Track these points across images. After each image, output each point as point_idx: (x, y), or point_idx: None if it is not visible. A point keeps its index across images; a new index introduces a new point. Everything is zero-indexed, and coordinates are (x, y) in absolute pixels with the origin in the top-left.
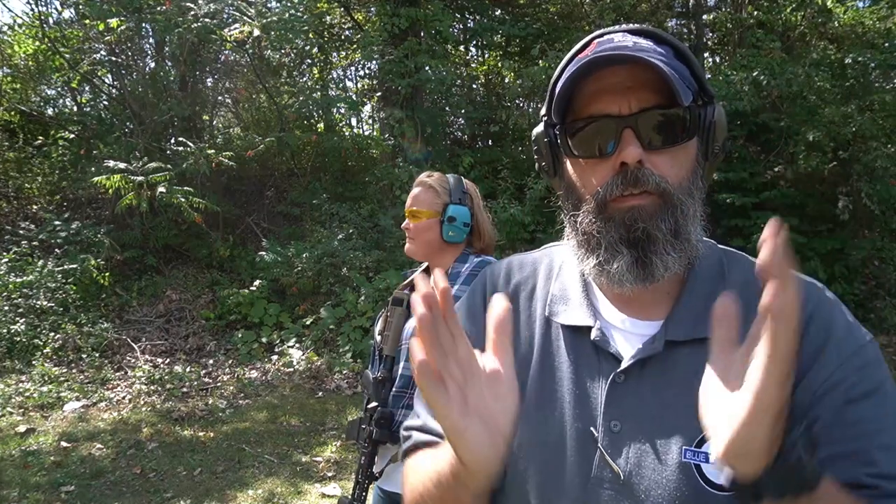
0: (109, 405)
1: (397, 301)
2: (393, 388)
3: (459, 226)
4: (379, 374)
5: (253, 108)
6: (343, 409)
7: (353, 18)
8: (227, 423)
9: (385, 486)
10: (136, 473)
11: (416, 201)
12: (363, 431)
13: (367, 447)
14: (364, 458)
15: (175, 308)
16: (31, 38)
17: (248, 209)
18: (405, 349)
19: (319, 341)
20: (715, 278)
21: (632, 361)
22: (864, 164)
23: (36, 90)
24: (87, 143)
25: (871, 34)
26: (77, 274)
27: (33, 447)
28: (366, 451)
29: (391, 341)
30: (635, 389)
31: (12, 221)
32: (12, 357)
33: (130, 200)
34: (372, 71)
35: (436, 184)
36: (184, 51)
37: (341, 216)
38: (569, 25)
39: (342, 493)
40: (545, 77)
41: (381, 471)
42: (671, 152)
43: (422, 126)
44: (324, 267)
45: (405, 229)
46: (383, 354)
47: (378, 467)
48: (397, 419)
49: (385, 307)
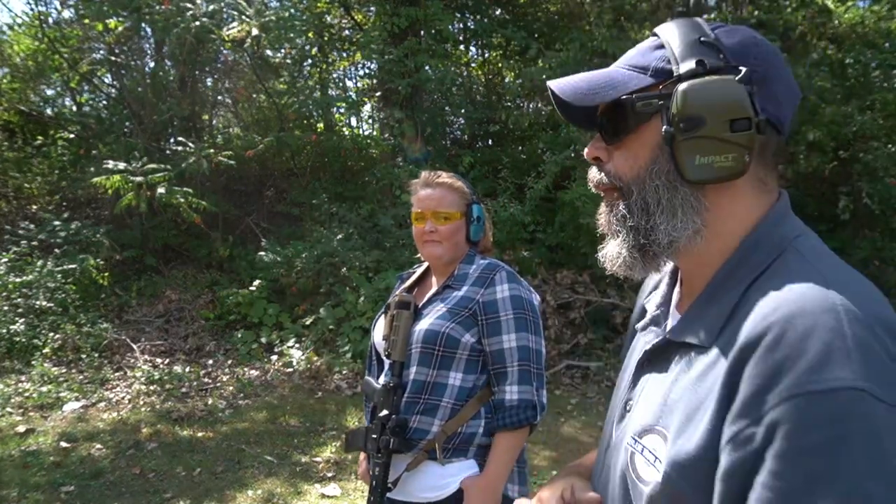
0: (109, 405)
1: (403, 305)
2: (405, 394)
3: (482, 225)
4: (389, 381)
5: (252, 108)
6: (343, 409)
7: (353, 18)
8: (227, 423)
9: (397, 496)
10: (136, 473)
11: (442, 203)
12: (374, 441)
13: (380, 458)
14: (378, 470)
15: (174, 308)
16: (31, 37)
17: (247, 209)
18: (415, 353)
19: (319, 341)
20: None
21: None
22: (865, 164)
23: (35, 90)
24: (86, 143)
25: (871, 34)
26: (76, 274)
27: (33, 447)
28: (380, 463)
29: (400, 346)
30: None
31: (12, 221)
32: (12, 357)
33: (130, 200)
34: (372, 70)
35: (458, 184)
36: (183, 50)
37: (341, 216)
38: (569, 25)
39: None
40: (544, 77)
41: (394, 481)
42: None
43: (422, 126)
44: (323, 267)
45: (428, 233)
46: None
47: (391, 477)
48: (412, 426)
49: (386, 310)
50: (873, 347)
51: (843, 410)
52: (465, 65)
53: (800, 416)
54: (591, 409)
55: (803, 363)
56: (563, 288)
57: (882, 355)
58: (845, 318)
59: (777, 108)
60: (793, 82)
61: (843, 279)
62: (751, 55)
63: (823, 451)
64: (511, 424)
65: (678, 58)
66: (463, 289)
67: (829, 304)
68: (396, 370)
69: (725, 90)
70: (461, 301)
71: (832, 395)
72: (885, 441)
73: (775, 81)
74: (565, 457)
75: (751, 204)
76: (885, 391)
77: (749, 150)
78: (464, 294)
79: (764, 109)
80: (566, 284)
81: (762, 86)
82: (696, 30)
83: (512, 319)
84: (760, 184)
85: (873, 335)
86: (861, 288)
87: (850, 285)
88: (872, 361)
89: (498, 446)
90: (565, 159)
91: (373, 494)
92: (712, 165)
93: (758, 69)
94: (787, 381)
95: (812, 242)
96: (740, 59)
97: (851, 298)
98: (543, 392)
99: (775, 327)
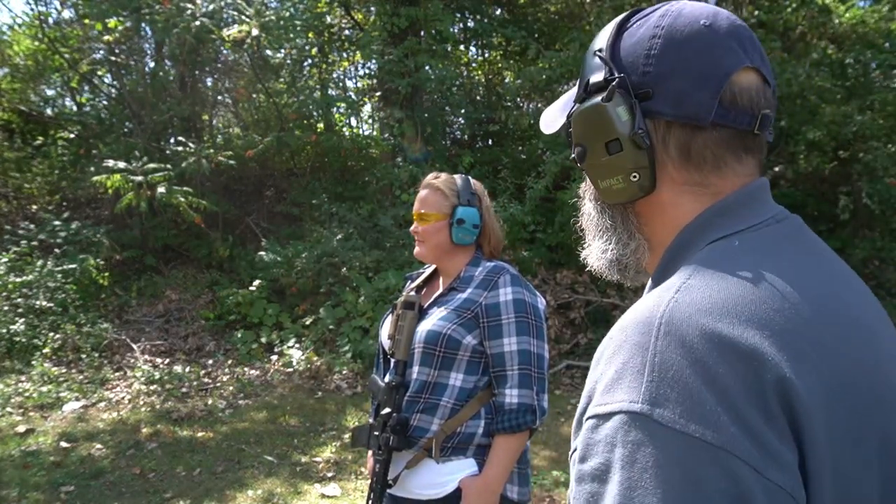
0: (109, 405)
1: (408, 305)
2: (407, 393)
3: (469, 228)
4: (392, 379)
5: (252, 108)
6: (343, 409)
7: (353, 18)
8: (227, 423)
9: (397, 492)
10: (136, 473)
11: (423, 204)
12: (375, 438)
13: (381, 454)
14: (379, 466)
15: (174, 308)
16: (31, 37)
17: (247, 209)
18: (417, 353)
19: (319, 341)
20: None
21: None
22: (865, 164)
23: (35, 90)
24: (86, 143)
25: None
26: (76, 274)
27: (33, 447)
28: (381, 459)
29: (403, 346)
30: None
31: (12, 221)
32: (12, 357)
33: (130, 200)
34: (372, 70)
35: (443, 185)
36: (183, 50)
37: (341, 216)
38: (569, 25)
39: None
40: (544, 77)
41: (395, 478)
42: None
43: (421, 126)
44: (323, 267)
45: (413, 233)
46: (394, 359)
47: (392, 474)
48: (413, 424)
49: (392, 310)
50: (671, 364)
51: (613, 435)
52: (465, 65)
53: (585, 440)
54: None
55: (602, 383)
56: (563, 288)
57: (681, 373)
58: (656, 331)
59: (677, 104)
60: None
61: (700, 285)
62: (643, 55)
63: (595, 477)
64: (509, 428)
65: (581, 78)
66: (467, 291)
67: (648, 317)
68: (400, 369)
69: (595, 113)
70: (464, 303)
71: (610, 419)
72: (640, 471)
73: (677, 74)
74: (565, 457)
75: (683, 212)
76: (669, 413)
77: (636, 169)
78: (467, 296)
79: (661, 114)
80: (566, 284)
81: (657, 87)
82: (603, 37)
83: (514, 323)
84: (697, 188)
85: (682, 350)
86: (714, 295)
87: (702, 291)
88: (664, 380)
89: (497, 448)
90: (565, 159)
91: (373, 490)
92: (611, 188)
93: (649, 72)
94: (592, 402)
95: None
96: (627, 67)
97: (684, 308)
98: (544, 396)
99: (605, 341)
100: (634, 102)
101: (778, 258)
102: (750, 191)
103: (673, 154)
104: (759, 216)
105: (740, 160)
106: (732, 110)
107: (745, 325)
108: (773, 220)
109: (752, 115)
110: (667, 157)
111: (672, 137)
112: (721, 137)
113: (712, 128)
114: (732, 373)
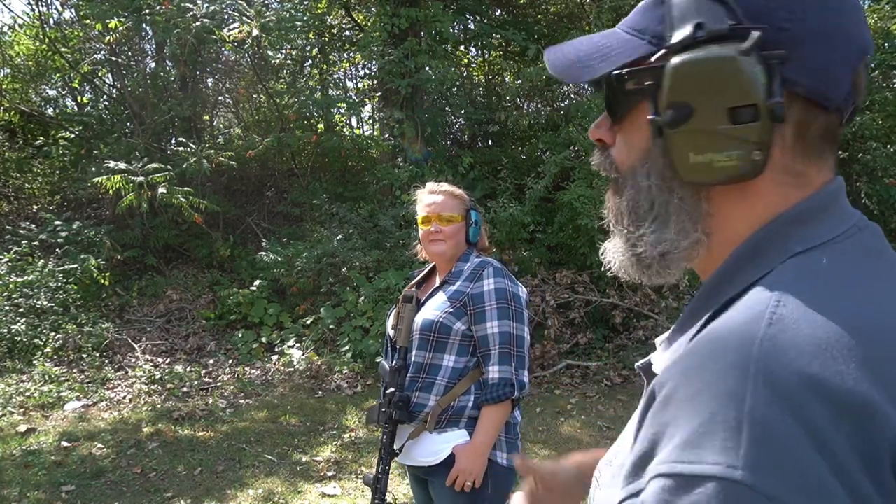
0: (110, 405)
1: (408, 298)
2: (408, 374)
3: (479, 228)
4: (395, 363)
5: (253, 109)
6: (343, 408)
7: (354, 19)
8: (227, 422)
9: (404, 460)
10: (137, 473)
11: (444, 207)
12: (383, 414)
13: (388, 427)
14: (385, 437)
15: (175, 308)
16: (32, 38)
17: (248, 209)
18: (415, 339)
19: (319, 341)
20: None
21: None
22: (864, 165)
23: (36, 90)
24: (87, 144)
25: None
26: (77, 274)
27: (34, 447)
28: (387, 431)
29: (404, 334)
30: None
31: (13, 221)
32: (13, 357)
33: (131, 200)
34: (372, 71)
35: (458, 192)
36: (184, 51)
37: (341, 216)
38: (569, 25)
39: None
40: (544, 78)
41: (400, 447)
42: (624, 128)
43: (422, 126)
44: (324, 267)
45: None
46: (397, 346)
47: (397, 444)
48: (413, 401)
49: (396, 304)
50: (774, 422)
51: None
52: (466, 65)
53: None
54: (591, 409)
55: (681, 434)
56: (563, 288)
57: (787, 434)
58: (753, 379)
59: (818, 77)
60: (855, 27)
61: (795, 317)
62: (781, 8)
63: None
64: (492, 399)
65: (674, 19)
66: (457, 283)
67: (741, 357)
68: (402, 354)
69: (721, 68)
70: (454, 294)
71: (700, 484)
72: None
73: (818, 40)
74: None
75: (766, 205)
76: (775, 483)
77: (761, 146)
78: (457, 288)
79: (794, 84)
80: (566, 284)
81: (795, 49)
82: None
83: (495, 309)
84: (793, 178)
85: (786, 406)
86: (814, 333)
87: (800, 327)
88: (767, 442)
89: (483, 418)
90: (565, 159)
91: (381, 459)
92: (711, 165)
93: (787, 28)
94: (663, 454)
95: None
96: (761, 17)
97: (784, 349)
98: (524, 371)
99: (675, 378)
100: (775, 62)
101: (874, 281)
102: (832, 191)
103: (787, 133)
104: (842, 223)
105: (833, 152)
106: (854, 96)
107: (855, 373)
108: (856, 228)
109: (854, 106)
110: (778, 136)
111: (792, 114)
112: (832, 124)
113: (833, 112)
114: (844, 434)
